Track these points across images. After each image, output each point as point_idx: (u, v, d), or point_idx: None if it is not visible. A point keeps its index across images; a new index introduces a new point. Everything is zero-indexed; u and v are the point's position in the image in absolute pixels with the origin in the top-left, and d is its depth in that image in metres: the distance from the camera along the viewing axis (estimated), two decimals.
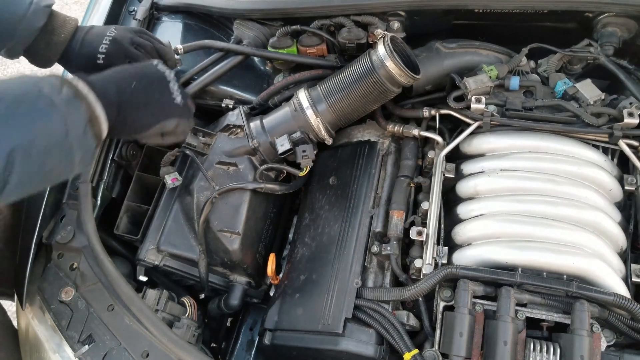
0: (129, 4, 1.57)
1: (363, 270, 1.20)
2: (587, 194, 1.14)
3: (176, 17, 1.57)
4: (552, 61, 1.31)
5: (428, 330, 1.12)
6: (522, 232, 1.10)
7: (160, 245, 1.28)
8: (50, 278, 1.21)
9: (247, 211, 1.28)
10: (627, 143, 1.19)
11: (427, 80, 1.35)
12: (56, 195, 1.30)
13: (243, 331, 1.51)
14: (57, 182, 0.91)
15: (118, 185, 1.40)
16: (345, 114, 1.28)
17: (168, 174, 1.31)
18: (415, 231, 1.19)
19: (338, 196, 1.33)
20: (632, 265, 1.13)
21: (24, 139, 0.78)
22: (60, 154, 0.84)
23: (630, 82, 1.29)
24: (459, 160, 1.28)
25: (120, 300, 1.12)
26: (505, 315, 1.00)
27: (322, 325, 1.14)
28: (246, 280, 1.35)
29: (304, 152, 1.27)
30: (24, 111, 0.79)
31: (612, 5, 1.28)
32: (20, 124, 0.78)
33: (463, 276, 1.07)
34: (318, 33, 1.40)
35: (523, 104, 1.23)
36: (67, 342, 1.13)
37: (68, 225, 1.25)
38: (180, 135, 1.13)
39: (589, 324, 0.98)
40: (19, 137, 0.77)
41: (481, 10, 1.35)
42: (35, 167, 0.81)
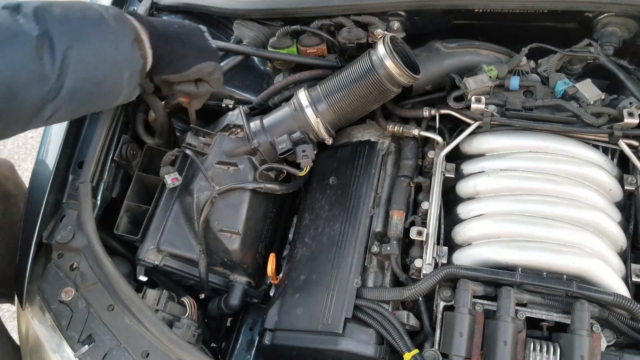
0: (129, 4, 1.57)
1: (363, 270, 1.20)
2: (587, 194, 1.14)
3: (176, 17, 1.57)
4: (552, 61, 1.31)
5: (428, 330, 1.12)
6: (522, 232, 1.10)
7: (160, 245, 1.28)
8: (50, 278, 1.21)
9: (247, 211, 1.28)
10: (627, 143, 1.19)
11: (427, 80, 1.35)
12: (56, 195, 1.30)
13: (243, 331, 1.51)
14: (106, 104, 0.94)
15: (118, 185, 1.40)
16: (345, 114, 1.28)
17: (168, 173, 1.31)
18: (415, 231, 1.19)
19: (338, 196, 1.33)
20: (632, 265, 1.14)
21: (78, 41, 0.80)
22: (110, 65, 0.88)
23: (630, 82, 1.29)
24: (459, 160, 1.28)
25: (120, 300, 1.12)
26: (505, 315, 1.00)
27: (322, 325, 1.14)
28: (246, 280, 1.35)
29: (304, 152, 1.27)
30: (77, 17, 0.82)
31: (612, 5, 1.28)
32: (75, 27, 0.81)
33: (463, 276, 1.07)
34: (318, 33, 1.40)
35: (523, 104, 1.23)
36: (67, 342, 1.13)
37: (68, 225, 1.25)
38: (214, 84, 1.17)
39: (589, 324, 0.98)
40: (73, 38, 0.80)
41: (481, 10, 1.35)
42: (87, 73, 0.83)
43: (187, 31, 1.10)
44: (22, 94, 0.75)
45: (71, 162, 1.35)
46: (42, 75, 0.76)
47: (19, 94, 0.75)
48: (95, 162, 1.29)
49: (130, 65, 0.93)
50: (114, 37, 0.88)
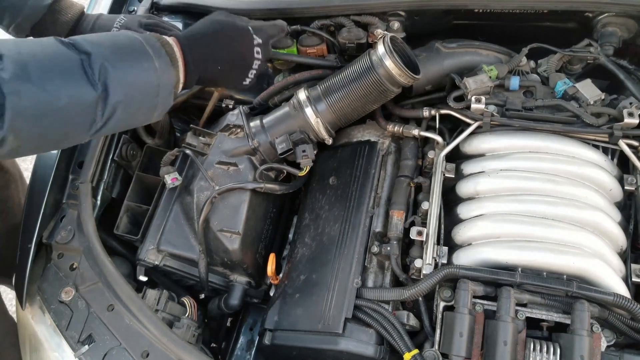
0: (129, 4, 1.57)
1: (363, 270, 1.20)
2: (587, 194, 1.14)
3: (176, 17, 1.57)
4: (552, 61, 1.31)
5: (428, 330, 1.12)
6: (522, 232, 1.10)
7: (160, 245, 1.28)
8: (50, 278, 1.21)
9: (247, 211, 1.28)
10: (627, 143, 1.19)
11: (427, 80, 1.35)
12: (56, 195, 1.30)
13: (243, 331, 1.51)
14: (142, 122, 1.04)
15: (118, 185, 1.40)
16: (345, 114, 1.28)
17: (168, 173, 1.31)
18: (415, 231, 1.19)
19: (338, 196, 1.33)
20: (632, 265, 1.14)
21: (127, 95, 0.91)
22: (148, 109, 0.98)
23: (630, 82, 1.29)
24: (459, 160, 1.28)
25: (120, 300, 1.12)
26: (505, 315, 1.00)
27: (322, 325, 1.14)
28: (246, 280, 1.35)
29: (304, 152, 1.27)
30: (132, 66, 0.91)
31: (612, 5, 1.28)
32: (127, 79, 0.90)
33: (463, 276, 1.07)
34: (318, 33, 1.40)
35: (523, 104, 1.23)
36: (67, 342, 1.13)
37: (68, 225, 1.25)
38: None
39: (589, 324, 0.98)
40: (123, 92, 0.89)
41: (481, 10, 1.35)
42: (128, 116, 0.94)
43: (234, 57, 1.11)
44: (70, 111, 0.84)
45: (71, 162, 1.35)
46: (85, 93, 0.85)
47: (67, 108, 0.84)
48: (95, 162, 1.29)
49: (163, 106, 1.01)
50: (158, 88, 0.96)
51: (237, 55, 1.11)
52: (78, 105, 0.85)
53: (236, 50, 1.10)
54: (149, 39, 0.97)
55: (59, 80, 0.82)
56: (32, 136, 0.83)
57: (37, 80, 0.80)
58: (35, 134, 0.83)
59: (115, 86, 0.88)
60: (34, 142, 0.86)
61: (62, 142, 0.97)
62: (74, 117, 0.86)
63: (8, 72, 0.77)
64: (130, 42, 0.94)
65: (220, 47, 1.08)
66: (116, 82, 0.88)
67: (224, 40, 1.08)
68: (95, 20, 1.23)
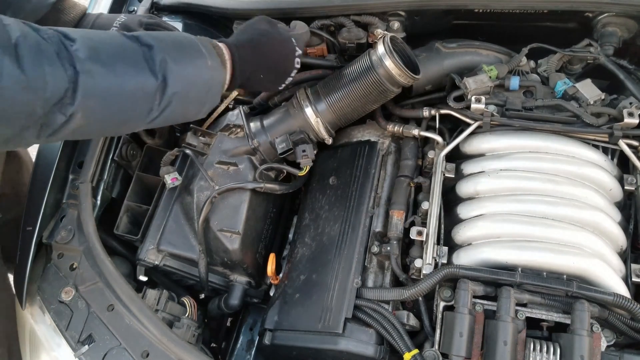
0: (129, 4, 1.58)
1: (363, 270, 1.20)
2: (587, 194, 1.14)
3: (176, 17, 1.57)
4: (552, 61, 1.31)
5: (428, 330, 1.12)
6: (522, 232, 1.10)
7: (160, 245, 1.28)
8: (50, 278, 1.21)
9: (247, 211, 1.28)
10: (627, 143, 1.19)
11: (427, 80, 1.35)
12: (56, 195, 1.30)
13: (243, 331, 1.51)
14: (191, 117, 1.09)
15: (118, 185, 1.40)
16: (345, 114, 1.28)
17: (168, 173, 1.31)
18: (415, 231, 1.19)
19: (338, 196, 1.33)
20: (632, 265, 1.14)
21: (183, 88, 0.96)
22: (199, 103, 1.05)
23: (630, 82, 1.29)
24: (459, 160, 1.28)
25: (120, 300, 1.12)
26: (505, 315, 1.00)
27: (322, 325, 1.14)
28: (246, 280, 1.35)
29: (304, 151, 1.27)
30: (189, 62, 0.97)
31: (612, 5, 1.28)
32: (184, 73, 0.96)
33: (463, 276, 1.07)
34: (318, 33, 1.40)
35: (523, 104, 1.23)
36: (67, 342, 1.13)
37: (68, 225, 1.25)
38: None
39: (589, 323, 0.98)
40: (180, 84, 0.95)
41: (481, 10, 1.35)
42: (181, 108, 1.00)
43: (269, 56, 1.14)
44: (134, 97, 0.90)
45: (71, 162, 1.35)
46: (147, 81, 0.91)
47: (131, 95, 0.89)
48: (95, 162, 1.29)
49: (210, 104, 1.08)
50: (209, 85, 1.03)
51: (279, 65, 1.16)
52: (141, 92, 0.90)
53: (279, 60, 1.16)
54: (203, 40, 1.04)
55: (126, 66, 0.88)
56: (98, 117, 0.88)
57: (108, 63, 0.85)
58: (101, 116, 0.88)
59: (174, 78, 0.93)
60: (98, 124, 0.90)
61: (121, 127, 1.04)
62: (136, 104, 0.92)
63: (83, 52, 0.82)
64: (187, 40, 1.01)
65: (265, 57, 1.13)
66: (174, 75, 0.94)
67: (268, 51, 1.13)
68: (95, 20, 1.24)
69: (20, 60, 0.75)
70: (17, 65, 0.75)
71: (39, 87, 0.77)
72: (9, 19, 0.79)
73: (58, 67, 0.79)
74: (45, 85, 0.77)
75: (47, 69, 0.78)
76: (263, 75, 1.14)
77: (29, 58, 0.76)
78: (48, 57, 0.78)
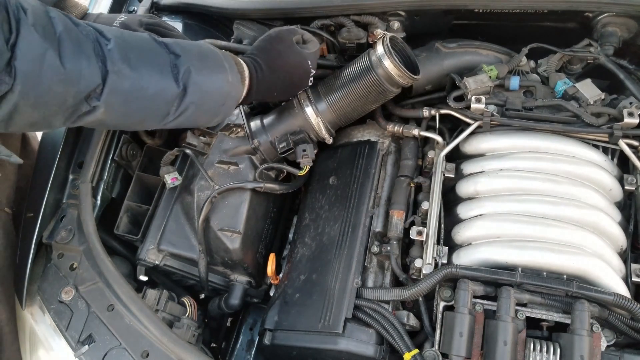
0: (129, 4, 1.58)
1: (363, 270, 1.20)
2: (587, 193, 1.14)
3: (176, 17, 1.57)
4: (552, 61, 1.31)
5: (428, 330, 1.12)
6: (522, 232, 1.10)
7: (160, 245, 1.28)
8: (50, 278, 1.21)
9: (247, 210, 1.28)
10: (627, 143, 1.19)
11: (427, 80, 1.35)
12: (56, 195, 1.30)
13: (243, 331, 1.51)
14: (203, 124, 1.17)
15: (118, 185, 1.40)
16: (345, 113, 1.28)
17: (168, 173, 1.31)
18: (415, 231, 1.19)
19: (338, 196, 1.33)
20: (632, 265, 1.14)
21: (201, 98, 1.01)
22: (212, 114, 1.09)
23: (630, 82, 1.29)
24: (459, 160, 1.28)
25: (120, 300, 1.12)
26: (505, 315, 1.00)
27: (322, 325, 1.14)
28: (246, 279, 1.35)
29: (304, 151, 1.27)
30: (211, 74, 1.02)
31: (612, 5, 1.28)
32: (205, 85, 1.00)
33: (463, 276, 1.07)
34: (318, 33, 1.40)
35: (523, 104, 1.23)
36: (67, 342, 1.13)
37: (68, 225, 1.25)
38: None
39: (589, 323, 0.98)
40: (198, 95, 1.00)
41: (481, 10, 1.35)
42: (195, 116, 1.05)
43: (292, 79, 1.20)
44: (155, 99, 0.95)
45: (71, 162, 1.35)
46: (169, 88, 0.95)
47: (154, 96, 0.94)
48: (95, 162, 1.29)
49: (223, 116, 1.12)
50: (225, 99, 1.07)
51: (295, 84, 1.22)
52: (162, 97, 0.96)
53: (295, 81, 1.21)
54: (226, 55, 1.08)
55: (152, 71, 0.93)
56: (118, 114, 0.93)
57: (136, 66, 0.90)
58: (121, 113, 0.93)
59: (194, 89, 0.98)
60: (117, 120, 0.96)
61: (138, 125, 1.13)
62: (155, 107, 0.97)
63: (116, 53, 0.87)
64: (212, 54, 1.05)
65: (282, 79, 1.17)
66: (195, 86, 0.98)
67: (285, 73, 1.17)
68: (94, 20, 1.24)
69: (62, 53, 0.80)
70: (58, 58, 0.80)
71: (74, 80, 0.82)
72: (53, 10, 0.83)
73: (94, 63, 0.84)
74: (79, 79, 0.82)
75: (84, 64, 0.83)
76: (277, 93, 1.21)
77: (69, 52, 0.81)
78: (86, 53, 0.84)
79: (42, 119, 0.84)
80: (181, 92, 0.96)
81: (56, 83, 0.80)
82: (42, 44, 0.78)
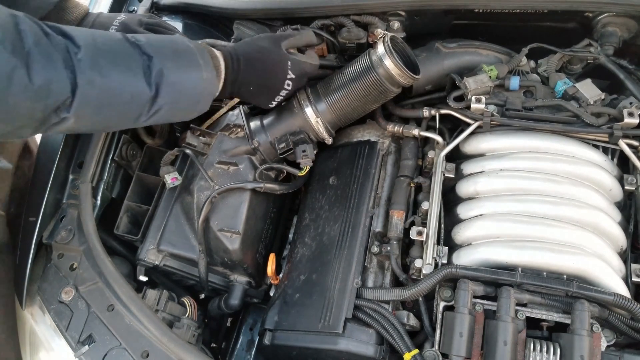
0: (129, 4, 1.58)
1: (363, 270, 1.20)
2: (587, 194, 1.14)
3: (176, 17, 1.57)
4: (552, 61, 1.31)
5: (428, 330, 1.12)
6: (522, 232, 1.10)
7: (160, 245, 1.28)
8: (50, 278, 1.21)
9: (247, 211, 1.28)
10: (627, 143, 1.19)
11: (427, 80, 1.35)
12: (56, 195, 1.30)
13: (243, 331, 1.51)
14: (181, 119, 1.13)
15: (118, 185, 1.40)
16: (345, 114, 1.28)
17: (168, 173, 1.31)
18: (415, 231, 1.19)
19: (338, 196, 1.33)
20: (632, 265, 1.14)
21: (174, 99, 1.00)
22: (187, 112, 1.09)
23: (630, 82, 1.29)
24: (459, 160, 1.28)
25: (120, 300, 1.12)
26: (505, 315, 1.00)
27: (322, 325, 1.14)
28: (246, 280, 1.35)
29: (304, 151, 1.27)
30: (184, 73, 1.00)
31: (612, 5, 1.28)
32: (178, 85, 0.99)
33: (463, 276, 1.07)
34: (318, 33, 1.40)
35: (523, 104, 1.23)
36: (67, 342, 1.13)
37: (68, 225, 1.25)
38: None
39: (589, 323, 0.98)
40: (172, 96, 0.98)
41: (481, 10, 1.35)
42: (169, 115, 1.04)
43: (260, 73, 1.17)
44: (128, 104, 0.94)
45: (71, 162, 1.35)
46: (142, 91, 0.94)
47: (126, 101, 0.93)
48: (95, 162, 1.29)
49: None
50: (200, 96, 1.06)
51: (268, 83, 1.19)
52: (134, 101, 0.95)
53: (268, 79, 1.18)
54: (202, 50, 1.06)
55: (124, 76, 0.91)
56: (89, 122, 0.93)
57: (107, 73, 0.89)
58: (92, 121, 0.94)
59: (166, 90, 0.97)
60: (89, 126, 0.97)
61: (111, 128, 1.14)
62: (127, 111, 0.96)
63: (85, 62, 0.86)
64: (186, 51, 1.03)
65: (256, 73, 1.16)
66: (168, 87, 0.97)
67: (260, 68, 1.16)
68: (95, 19, 1.24)
69: (31, 69, 0.79)
70: (27, 74, 0.78)
71: (43, 96, 0.81)
72: (24, 20, 0.81)
73: (63, 76, 0.83)
74: (48, 93, 0.81)
75: (53, 78, 0.82)
76: (253, 88, 1.17)
77: (39, 67, 0.80)
78: (55, 66, 0.82)
79: (10, 131, 0.84)
80: (154, 94, 0.95)
81: (24, 100, 0.79)
82: (10, 61, 0.76)
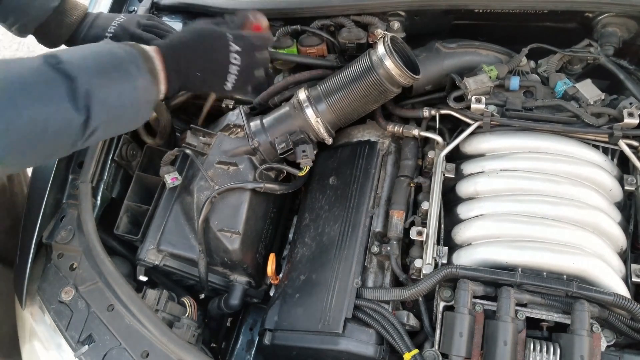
0: (129, 4, 1.58)
1: (363, 270, 1.20)
2: (587, 194, 1.14)
3: (176, 17, 1.57)
4: (552, 61, 1.31)
5: (428, 330, 1.12)
6: (522, 232, 1.10)
7: (160, 245, 1.28)
8: (50, 278, 1.21)
9: (247, 211, 1.28)
10: (627, 143, 1.19)
11: (427, 80, 1.35)
12: (56, 195, 1.30)
13: (243, 331, 1.51)
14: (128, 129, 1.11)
15: (118, 185, 1.40)
16: (345, 114, 1.28)
17: (168, 173, 1.31)
18: (415, 231, 1.19)
19: (338, 196, 1.33)
20: (632, 265, 1.14)
21: (109, 116, 0.93)
22: (128, 124, 1.05)
23: (630, 82, 1.29)
24: (459, 160, 1.28)
25: (120, 300, 1.12)
26: (505, 315, 1.00)
27: (322, 325, 1.14)
28: (246, 280, 1.35)
29: (304, 151, 1.27)
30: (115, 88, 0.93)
31: (612, 5, 1.28)
32: (109, 102, 0.92)
33: (463, 276, 1.07)
34: (318, 33, 1.40)
35: (523, 104, 1.23)
36: (67, 342, 1.13)
37: (68, 225, 1.25)
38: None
39: (589, 324, 0.98)
40: (105, 115, 0.92)
41: (481, 10, 1.35)
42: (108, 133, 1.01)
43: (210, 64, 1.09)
44: (58, 136, 0.87)
45: (71, 162, 1.35)
46: (72, 119, 0.87)
47: (55, 134, 0.86)
48: (95, 162, 1.29)
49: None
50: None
51: (213, 62, 1.10)
52: (64, 132, 0.88)
53: (212, 57, 1.09)
54: (132, 55, 0.98)
55: (48, 109, 0.84)
56: (19, 162, 0.89)
57: (28, 112, 0.82)
58: (21, 160, 0.89)
59: (98, 110, 0.90)
60: (19, 166, 0.94)
61: (44, 160, 1.10)
62: (60, 141, 0.89)
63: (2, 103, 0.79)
64: (114, 62, 0.95)
65: (198, 55, 1.08)
66: (99, 106, 0.90)
67: (201, 48, 1.08)
68: (94, 20, 1.24)
69: None
70: None
71: None
72: None
73: None
74: None
75: None
76: (200, 73, 1.09)
77: None
78: None
79: None
80: (85, 118, 0.88)
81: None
82: None
